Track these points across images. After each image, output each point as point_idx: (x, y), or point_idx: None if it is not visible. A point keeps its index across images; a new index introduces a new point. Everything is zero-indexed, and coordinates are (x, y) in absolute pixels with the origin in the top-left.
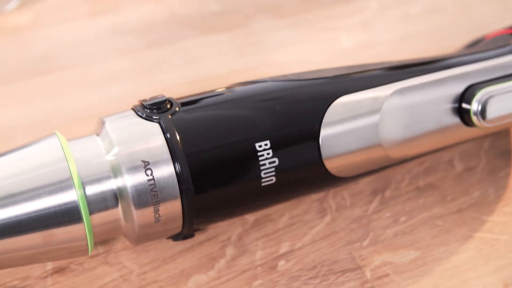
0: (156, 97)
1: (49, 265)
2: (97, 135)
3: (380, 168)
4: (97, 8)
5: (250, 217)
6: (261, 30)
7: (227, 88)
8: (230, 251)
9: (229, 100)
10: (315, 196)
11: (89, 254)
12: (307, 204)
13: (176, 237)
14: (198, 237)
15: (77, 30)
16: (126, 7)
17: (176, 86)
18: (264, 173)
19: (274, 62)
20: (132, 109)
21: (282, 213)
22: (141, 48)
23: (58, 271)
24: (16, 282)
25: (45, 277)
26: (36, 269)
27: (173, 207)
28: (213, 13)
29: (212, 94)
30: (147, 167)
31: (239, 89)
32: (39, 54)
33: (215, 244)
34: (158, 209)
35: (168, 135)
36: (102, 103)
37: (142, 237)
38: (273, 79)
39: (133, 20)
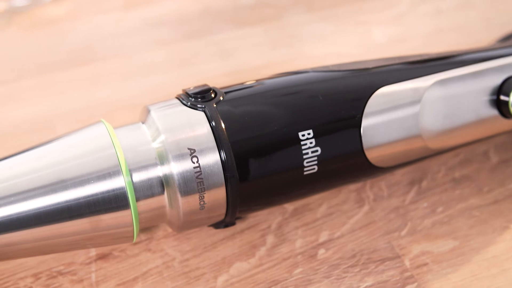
0: (200, 87)
1: (93, 252)
2: (143, 122)
3: (419, 158)
4: (131, 1)
5: (289, 207)
6: (294, 23)
7: (269, 78)
8: (270, 239)
9: (272, 89)
10: (352, 187)
11: (134, 240)
12: (345, 194)
13: (217, 225)
14: (239, 225)
15: (113, 22)
16: (159, 0)
17: (213, 77)
18: (307, 162)
19: (308, 55)
20: (177, 97)
21: (321, 203)
22: (177, 40)
23: (102, 257)
24: (62, 267)
25: (89, 263)
26: (80, 255)
27: (218, 195)
28: (246, 7)
29: (255, 84)
30: (193, 154)
31: (282, 79)
32: (77, 45)
33: (255, 233)
34: (203, 196)
35: (214, 123)
36: (140, 94)
37: (186, 224)
38: (314, 70)
39: (167, 13)
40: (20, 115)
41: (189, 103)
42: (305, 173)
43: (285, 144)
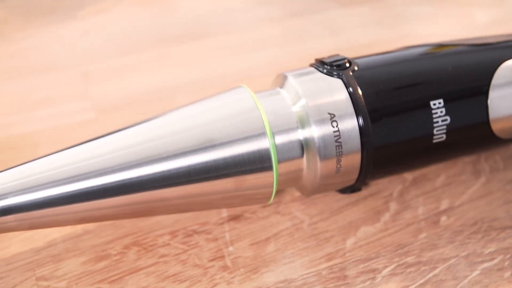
0: (334, 56)
1: (225, 213)
2: (280, 88)
3: None
4: None
5: (408, 176)
6: (399, 3)
7: (398, 50)
8: (393, 206)
9: (404, 60)
10: (468, 159)
11: (270, 202)
12: (461, 166)
13: (344, 190)
14: (362, 192)
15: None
16: None
17: (322, 54)
18: (437, 130)
19: (414, 35)
20: (311, 65)
21: (438, 173)
22: (285, 17)
23: (234, 218)
24: (196, 226)
25: (222, 223)
26: (213, 216)
27: (353, 159)
28: None
29: (386, 55)
30: (333, 119)
31: (412, 50)
32: (189, 21)
33: (378, 199)
34: (340, 160)
35: (351, 90)
36: (253, 68)
37: (320, 187)
38: (440, 43)
39: None
40: (142, 85)
41: (325, 71)
42: (434, 141)
43: (417, 112)
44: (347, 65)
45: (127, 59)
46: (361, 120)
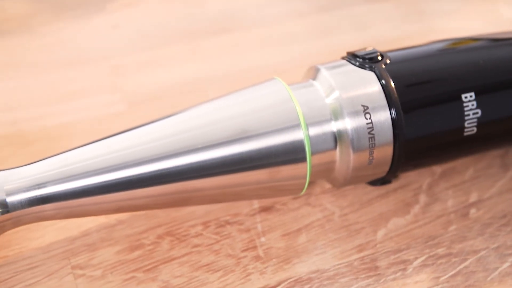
0: (365, 49)
1: (256, 204)
2: (313, 80)
3: None
4: None
5: (437, 169)
6: None
7: (429, 43)
8: (423, 198)
9: (434, 54)
10: (496, 153)
11: (302, 193)
12: (489, 160)
13: (374, 182)
14: (391, 185)
15: None
16: None
17: (349, 48)
18: (468, 123)
19: (439, 30)
20: (343, 58)
21: (467, 167)
22: (312, 13)
23: (265, 209)
24: (228, 217)
25: (253, 214)
26: (244, 207)
27: (385, 151)
28: None
29: (417, 48)
30: (366, 111)
31: (441, 44)
32: (218, 15)
33: (408, 192)
34: (373, 151)
35: (384, 82)
36: (281, 62)
37: (351, 179)
38: (470, 37)
39: None
40: (171, 78)
41: (357, 64)
42: (464, 134)
43: (449, 105)
44: (379, 58)
45: (156, 53)
46: (393, 113)
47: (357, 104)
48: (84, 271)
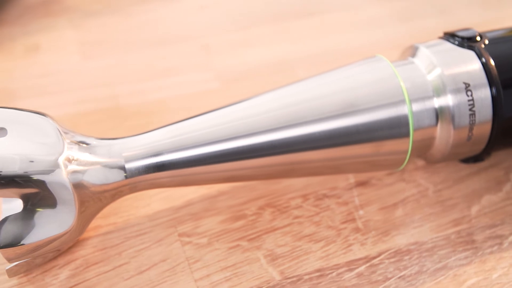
0: (464, 29)
1: (352, 179)
2: (411, 57)
3: None
4: None
5: None
6: None
7: None
8: None
9: None
10: None
11: (401, 168)
12: None
13: (467, 160)
14: (482, 163)
15: None
16: None
17: (430, 33)
18: None
19: None
20: (441, 38)
21: None
22: None
23: (361, 184)
24: (326, 191)
25: (350, 188)
26: (341, 181)
27: (484, 129)
28: None
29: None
30: (468, 88)
31: None
32: None
33: (498, 170)
34: (472, 128)
35: (484, 61)
36: (366, 44)
37: (449, 156)
38: None
39: None
40: (261, 58)
41: (456, 43)
42: None
43: None
44: (478, 38)
45: (244, 33)
46: (494, 90)
47: (459, 81)
48: (191, 238)
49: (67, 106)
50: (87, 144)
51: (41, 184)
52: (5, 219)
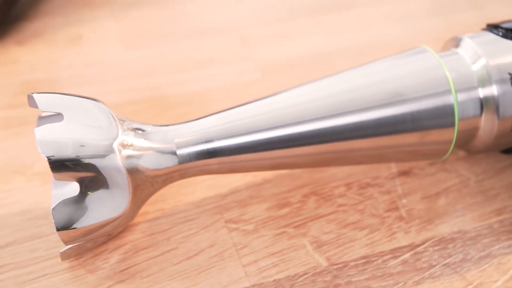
0: (508, 21)
1: (394, 169)
2: (455, 48)
3: None
4: None
5: None
6: None
7: None
8: None
9: None
10: None
11: (444, 158)
12: None
13: (509, 151)
14: None
15: None
16: None
17: (466, 26)
18: None
19: None
20: (484, 29)
21: None
22: None
23: (403, 173)
24: (369, 180)
25: (393, 178)
26: (383, 171)
27: None
28: None
29: None
30: None
31: None
32: None
33: None
34: None
35: None
36: (403, 37)
37: (492, 146)
38: None
39: None
40: (299, 50)
41: (500, 34)
42: None
43: None
44: None
45: (282, 25)
46: None
47: (504, 72)
48: (237, 225)
49: (110, 95)
50: (143, 130)
51: (94, 168)
52: (61, 203)
